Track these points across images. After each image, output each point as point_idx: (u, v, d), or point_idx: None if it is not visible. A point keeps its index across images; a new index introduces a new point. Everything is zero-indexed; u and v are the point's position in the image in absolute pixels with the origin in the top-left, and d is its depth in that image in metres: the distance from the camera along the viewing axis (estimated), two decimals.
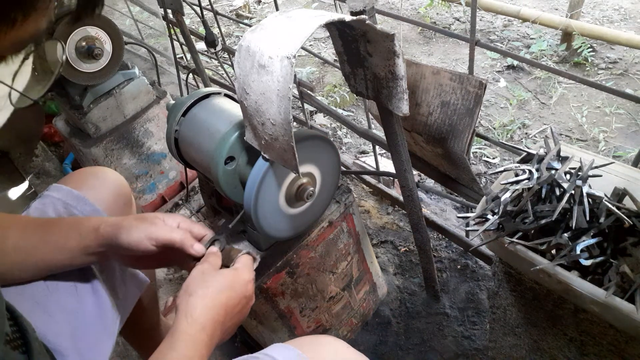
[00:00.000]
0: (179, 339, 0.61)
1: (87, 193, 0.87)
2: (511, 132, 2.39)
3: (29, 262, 0.73)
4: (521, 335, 1.06)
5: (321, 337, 0.78)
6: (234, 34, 3.61)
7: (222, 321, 0.66)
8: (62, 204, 0.85)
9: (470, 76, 0.99)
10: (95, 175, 0.93)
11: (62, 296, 0.77)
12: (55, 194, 0.86)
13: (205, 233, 0.77)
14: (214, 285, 0.66)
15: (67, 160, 2.13)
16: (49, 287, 0.76)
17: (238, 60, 0.72)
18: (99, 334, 0.79)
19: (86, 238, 0.73)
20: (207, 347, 0.63)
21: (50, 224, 0.76)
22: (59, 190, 0.87)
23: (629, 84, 2.60)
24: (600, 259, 0.78)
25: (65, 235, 0.73)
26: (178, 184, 1.94)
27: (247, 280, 0.71)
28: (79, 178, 0.92)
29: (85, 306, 0.79)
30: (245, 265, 0.73)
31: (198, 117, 0.94)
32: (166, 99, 1.77)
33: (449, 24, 3.42)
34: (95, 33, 1.45)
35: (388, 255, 1.64)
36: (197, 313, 0.63)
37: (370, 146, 2.24)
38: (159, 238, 0.71)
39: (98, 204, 0.87)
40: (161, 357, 0.60)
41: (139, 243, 0.71)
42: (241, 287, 0.70)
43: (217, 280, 0.67)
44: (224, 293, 0.67)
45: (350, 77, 0.93)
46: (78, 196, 0.86)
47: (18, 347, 0.57)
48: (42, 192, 0.88)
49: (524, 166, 0.89)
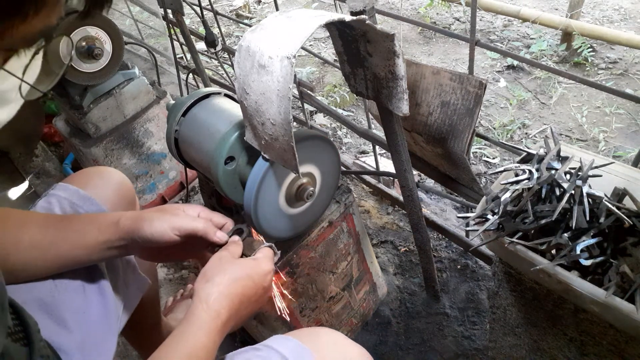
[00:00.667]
0: (194, 323, 0.62)
1: (93, 192, 0.88)
2: (511, 132, 2.39)
3: (45, 258, 0.73)
4: (521, 335, 1.06)
5: (319, 329, 0.79)
6: (234, 34, 3.61)
7: (237, 309, 0.66)
8: (68, 203, 0.85)
9: (470, 76, 0.99)
10: (100, 175, 0.93)
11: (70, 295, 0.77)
12: (62, 193, 0.86)
13: (226, 221, 0.78)
14: (231, 273, 0.66)
15: (67, 160, 2.13)
16: (57, 286, 0.76)
17: (238, 60, 0.72)
18: (104, 333, 0.79)
19: (106, 232, 0.73)
20: (220, 334, 0.63)
21: (68, 219, 0.76)
22: (66, 190, 0.87)
23: (629, 84, 2.60)
24: (600, 259, 0.78)
25: (83, 231, 0.73)
26: (178, 184, 1.94)
27: (266, 271, 0.71)
28: (84, 177, 0.92)
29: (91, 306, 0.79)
30: (266, 256, 0.73)
31: (198, 117, 0.94)
32: (166, 99, 1.77)
33: (449, 24, 3.42)
34: (95, 33, 1.45)
35: (388, 255, 1.64)
36: (212, 299, 0.63)
37: (370, 146, 2.24)
38: (182, 228, 0.71)
39: (103, 203, 0.87)
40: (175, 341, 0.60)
41: (163, 234, 0.71)
42: (259, 278, 0.69)
43: (235, 269, 0.67)
44: (241, 281, 0.67)
45: (350, 77, 0.93)
46: (84, 196, 0.86)
47: (19, 339, 0.57)
48: (48, 191, 0.88)
49: (524, 166, 0.89)
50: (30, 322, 0.60)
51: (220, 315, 0.63)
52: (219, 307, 0.63)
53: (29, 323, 0.59)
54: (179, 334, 0.61)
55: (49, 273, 0.75)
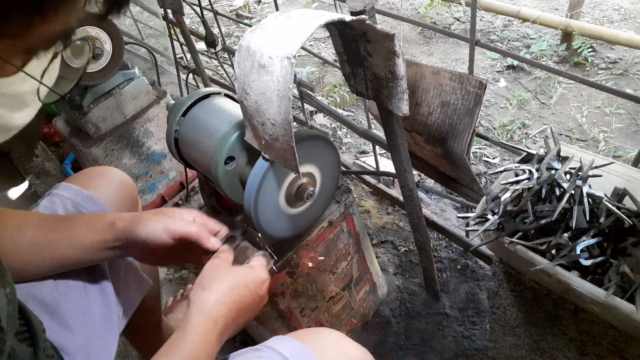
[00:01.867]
0: (191, 332, 0.61)
1: (96, 192, 0.88)
2: (511, 132, 2.39)
3: (44, 258, 0.73)
4: (521, 335, 1.06)
5: (320, 329, 0.79)
6: (234, 34, 3.61)
7: (235, 317, 0.66)
8: (71, 203, 0.85)
9: (470, 76, 0.99)
10: (102, 175, 0.93)
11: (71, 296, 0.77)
12: (65, 193, 0.86)
13: (220, 229, 0.78)
14: (228, 281, 0.66)
15: (67, 160, 2.13)
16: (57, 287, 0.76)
17: (238, 60, 0.72)
18: (106, 334, 0.79)
19: (102, 233, 0.73)
20: (217, 343, 0.63)
21: (67, 220, 0.76)
22: (69, 189, 0.87)
23: (629, 84, 2.60)
24: (600, 259, 0.78)
25: (81, 231, 0.73)
26: (178, 184, 1.94)
27: (262, 280, 0.71)
28: (86, 177, 0.92)
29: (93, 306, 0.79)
30: (260, 264, 0.74)
31: (198, 117, 0.94)
32: (166, 99, 1.77)
33: (449, 24, 3.42)
34: (95, 33, 1.45)
35: (388, 255, 1.64)
36: (209, 308, 0.63)
37: (370, 146, 2.24)
38: (176, 231, 0.71)
39: (106, 203, 0.87)
40: (172, 349, 0.60)
41: (157, 236, 0.71)
42: (256, 286, 0.70)
43: (232, 277, 0.67)
44: (238, 290, 0.67)
45: (350, 77, 0.93)
46: (87, 195, 0.86)
47: (25, 339, 0.58)
48: (51, 190, 0.88)
49: (524, 166, 0.89)
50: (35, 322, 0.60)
51: (218, 324, 0.63)
52: (216, 316, 0.63)
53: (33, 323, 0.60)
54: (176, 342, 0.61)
55: (48, 273, 0.75)
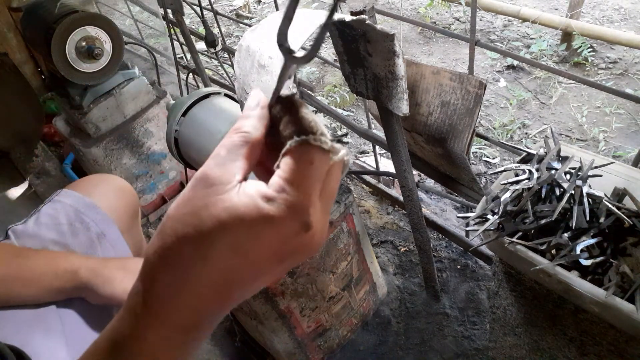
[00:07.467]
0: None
1: (97, 200, 0.87)
2: (511, 132, 2.39)
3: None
4: (521, 335, 1.06)
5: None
6: (234, 34, 3.61)
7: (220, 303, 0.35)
8: (73, 210, 0.84)
9: (470, 76, 0.99)
10: (103, 183, 0.93)
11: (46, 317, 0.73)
12: (67, 200, 0.86)
13: None
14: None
15: (67, 160, 2.13)
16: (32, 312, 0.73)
17: (238, 60, 0.72)
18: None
19: (61, 279, 0.71)
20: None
21: (26, 256, 0.73)
22: (70, 197, 0.87)
23: (629, 84, 2.60)
24: (600, 259, 0.78)
25: (40, 272, 0.71)
26: (178, 184, 1.94)
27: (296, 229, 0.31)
28: (88, 184, 0.92)
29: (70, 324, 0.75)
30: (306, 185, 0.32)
31: (198, 117, 0.94)
32: (166, 99, 1.77)
33: (449, 24, 3.42)
34: (95, 33, 1.45)
35: (388, 255, 1.64)
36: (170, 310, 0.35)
37: (370, 146, 2.24)
38: None
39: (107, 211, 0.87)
40: None
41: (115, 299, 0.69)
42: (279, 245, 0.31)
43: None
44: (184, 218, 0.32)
45: (350, 77, 0.93)
46: (89, 203, 0.86)
47: None
48: (52, 197, 0.88)
49: (524, 166, 0.89)
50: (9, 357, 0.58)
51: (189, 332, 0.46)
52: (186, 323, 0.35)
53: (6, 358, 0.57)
54: None
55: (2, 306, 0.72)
